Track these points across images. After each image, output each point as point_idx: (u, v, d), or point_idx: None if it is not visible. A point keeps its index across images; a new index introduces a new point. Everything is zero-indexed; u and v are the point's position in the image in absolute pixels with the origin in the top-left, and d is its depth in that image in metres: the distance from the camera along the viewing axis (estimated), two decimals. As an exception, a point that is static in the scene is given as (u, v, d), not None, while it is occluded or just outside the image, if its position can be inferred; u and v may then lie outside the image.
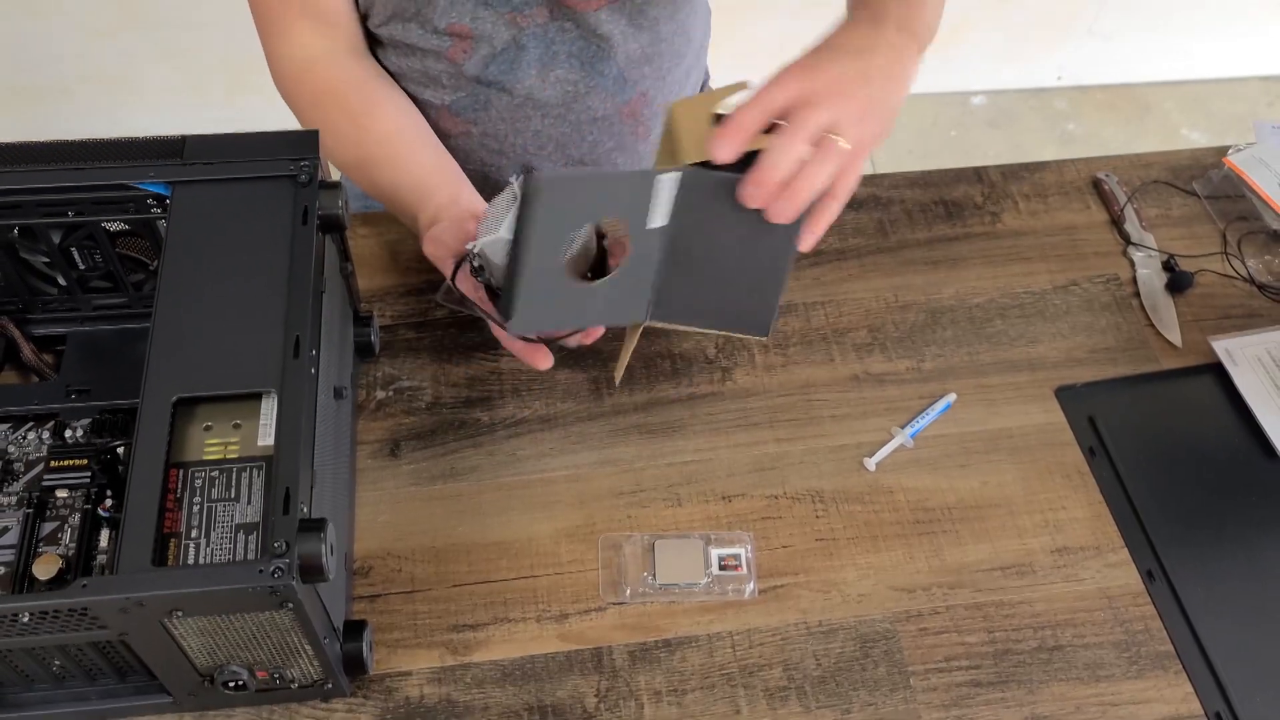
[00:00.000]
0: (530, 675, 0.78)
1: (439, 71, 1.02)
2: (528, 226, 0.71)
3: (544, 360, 0.82)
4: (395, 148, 0.96)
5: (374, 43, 1.04)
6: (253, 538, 0.67)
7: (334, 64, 0.98)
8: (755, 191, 0.73)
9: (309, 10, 0.96)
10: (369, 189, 0.96)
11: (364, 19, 1.02)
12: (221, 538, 0.67)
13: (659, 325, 0.82)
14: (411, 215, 0.93)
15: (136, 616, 0.63)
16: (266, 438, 0.70)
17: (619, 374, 0.89)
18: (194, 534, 0.67)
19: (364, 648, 0.75)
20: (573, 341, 0.85)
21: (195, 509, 0.67)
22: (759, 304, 0.82)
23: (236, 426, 0.71)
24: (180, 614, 0.63)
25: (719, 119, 0.75)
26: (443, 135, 1.09)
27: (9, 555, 0.74)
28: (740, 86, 0.77)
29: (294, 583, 0.62)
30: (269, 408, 0.71)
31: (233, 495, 0.68)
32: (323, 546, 0.63)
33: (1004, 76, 2.39)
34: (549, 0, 0.98)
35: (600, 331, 0.84)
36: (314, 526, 0.64)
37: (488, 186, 0.96)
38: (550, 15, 0.99)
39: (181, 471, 0.69)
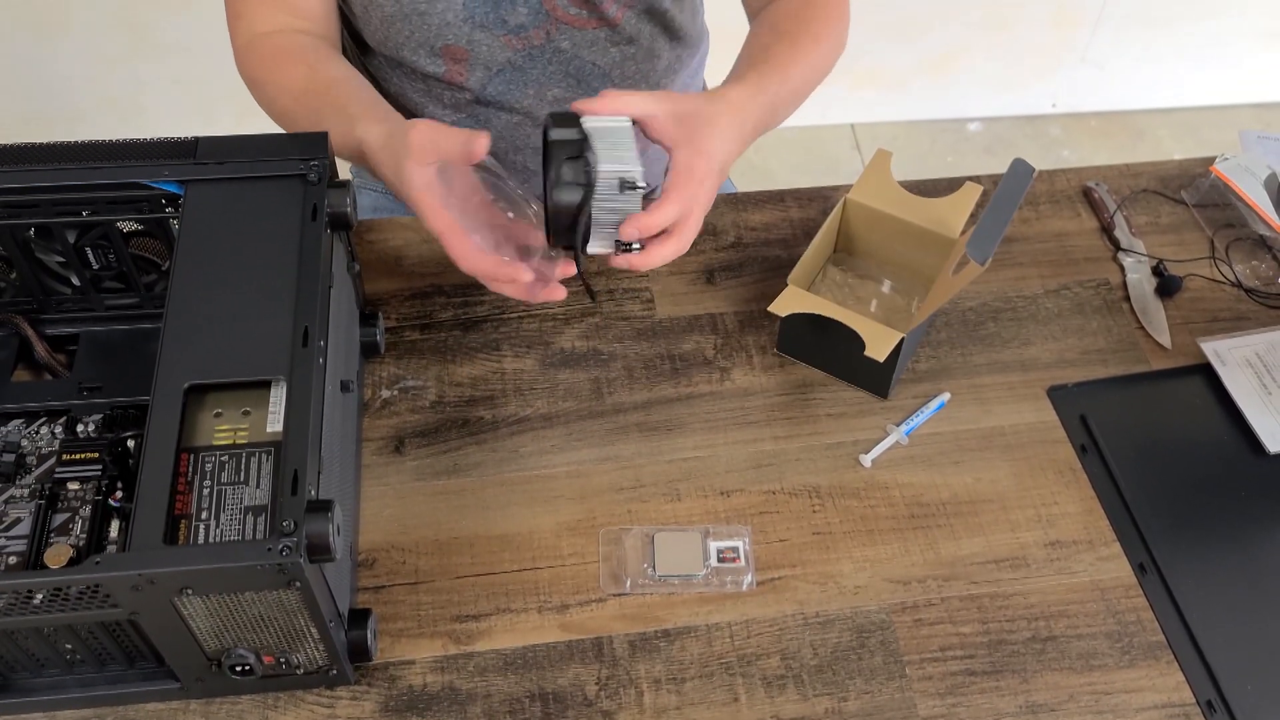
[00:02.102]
0: (532, 664, 0.79)
1: (440, 92, 1.05)
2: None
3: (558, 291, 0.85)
4: (345, 87, 0.94)
5: (375, 64, 1.07)
6: (261, 519, 0.68)
7: (293, 34, 0.97)
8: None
9: (281, 3, 0.97)
10: (311, 114, 0.92)
11: (358, 36, 1.05)
12: (231, 519, 0.68)
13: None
14: (350, 125, 0.89)
15: (148, 594, 0.65)
16: (275, 424, 0.72)
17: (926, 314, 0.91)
18: (204, 515, 0.68)
19: (368, 635, 0.76)
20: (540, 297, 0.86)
21: (205, 492, 0.69)
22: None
23: (246, 413, 0.73)
24: (190, 592, 0.65)
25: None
26: None
27: (21, 545, 0.76)
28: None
29: (301, 561, 0.64)
30: (278, 395, 0.73)
31: (242, 479, 0.70)
32: (329, 526, 0.65)
33: (999, 104, 2.43)
34: (545, 22, 1.01)
35: (562, 295, 0.86)
36: (321, 507, 0.65)
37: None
38: (547, 36, 1.02)
39: (192, 456, 0.71)
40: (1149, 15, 2.31)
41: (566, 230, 0.80)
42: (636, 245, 0.81)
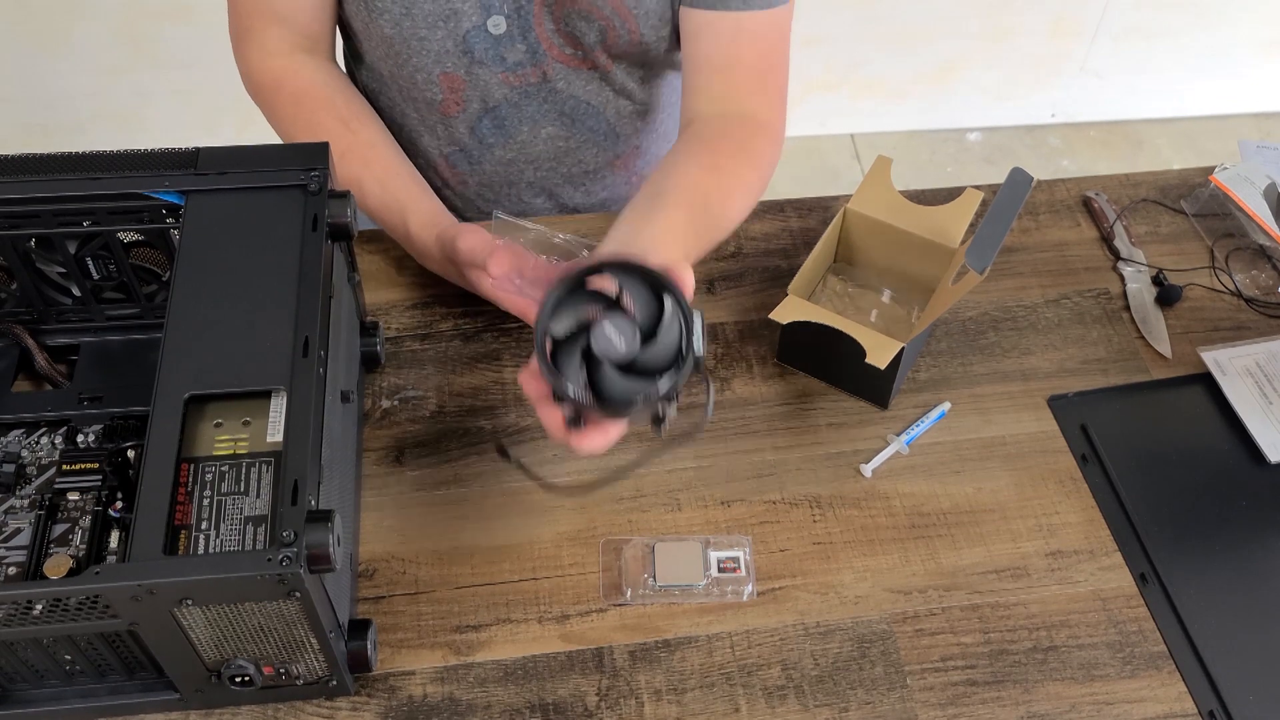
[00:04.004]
0: (532, 674, 0.79)
1: (434, 122, 1.05)
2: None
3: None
4: (383, 151, 0.99)
5: (374, 86, 1.07)
6: (261, 529, 0.68)
7: (314, 69, 1.00)
8: None
9: (283, 19, 0.98)
10: (354, 182, 0.97)
11: (358, 52, 1.05)
12: (231, 529, 0.68)
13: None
14: (401, 209, 0.96)
15: (148, 605, 0.64)
16: (275, 434, 0.72)
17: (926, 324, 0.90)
18: (204, 526, 0.68)
19: (368, 646, 0.76)
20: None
21: (205, 502, 0.69)
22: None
23: (246, 423, 0.73)
24: (190, 603, 0.65)
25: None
26: (441, 184, 1.11)
27: (21, 556, 0.76)
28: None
29: (301, 571, 0.63)
30: (278, 405, 0.73)
31: (242, 489, 0.70)
32: (330, 537, 0.65)
33: (999, 114, 2.43)
34: (543, 62, 1.01)
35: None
36: (321, 517, 0.65)
37: None
38: (544, 76, 1.02)
39: (192, 466, 0.71)
40: (1148, 25, 2.32)
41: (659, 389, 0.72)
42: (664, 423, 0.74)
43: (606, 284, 0.73)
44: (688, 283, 0.74)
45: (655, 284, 0.71)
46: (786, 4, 0.97)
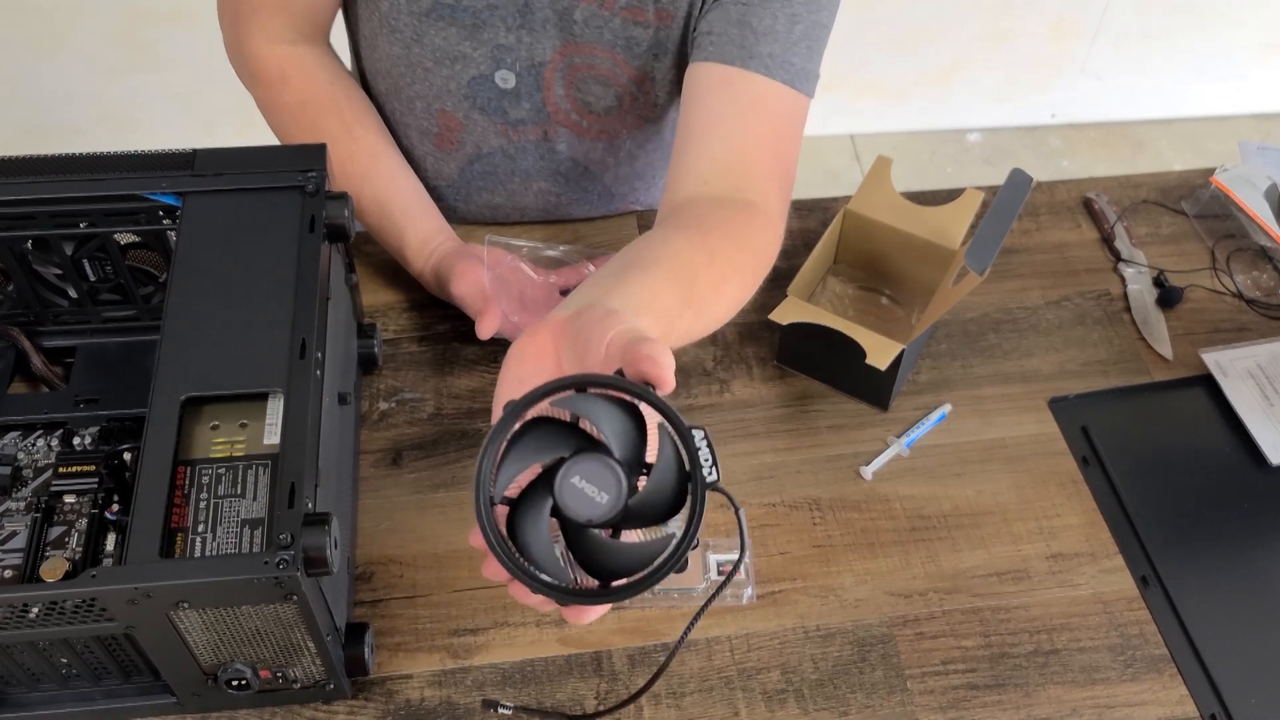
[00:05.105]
0: (530, 678, 0.79)
1: (424, 153, 1.04)
2: None
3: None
4: (384, 163, 0.97)
5: (377, 94, 1.05)
6: (258, 532, 0.68)
7: (317, 62, 0.96)
8: None
9: (288, 5, 0.94)
10: (354, 186, 0.95)
11: (364, 72, 1.04)
12: (227, 532, 0.68)
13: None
14: (398, 232, 0.95)
15: (144, 608, 0.64)
16: (272, 436, 0.72)
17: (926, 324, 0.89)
18: (200, 529, 0.68)
19: (365, 649, 0.76)
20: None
21: (202, 505, 0.69)
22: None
23: (243, 426, 0.72)
24: (186, 606, 0.64)
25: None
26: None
27: (17, 559, 0.75)
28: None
29: (298, 574, 0.63)
30: (275, 407, 0.72)
31: (239, 491, 0.69)
32: (327, 540, 0.64)
33: (999, 114, 2.43)
34: (546, 122, 0.99)
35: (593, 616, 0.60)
36: (318, 520, 0.65)
37: None
38: (544, 135, 1.01)
39: (189, 469, 0.70)
40: (1148, 27, 2.32)
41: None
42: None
43: (561, 415, 0.55)
44: (664, 366, 0.54)
45: (626, 396, 0.53)
46: (808, 96, 0.89)
